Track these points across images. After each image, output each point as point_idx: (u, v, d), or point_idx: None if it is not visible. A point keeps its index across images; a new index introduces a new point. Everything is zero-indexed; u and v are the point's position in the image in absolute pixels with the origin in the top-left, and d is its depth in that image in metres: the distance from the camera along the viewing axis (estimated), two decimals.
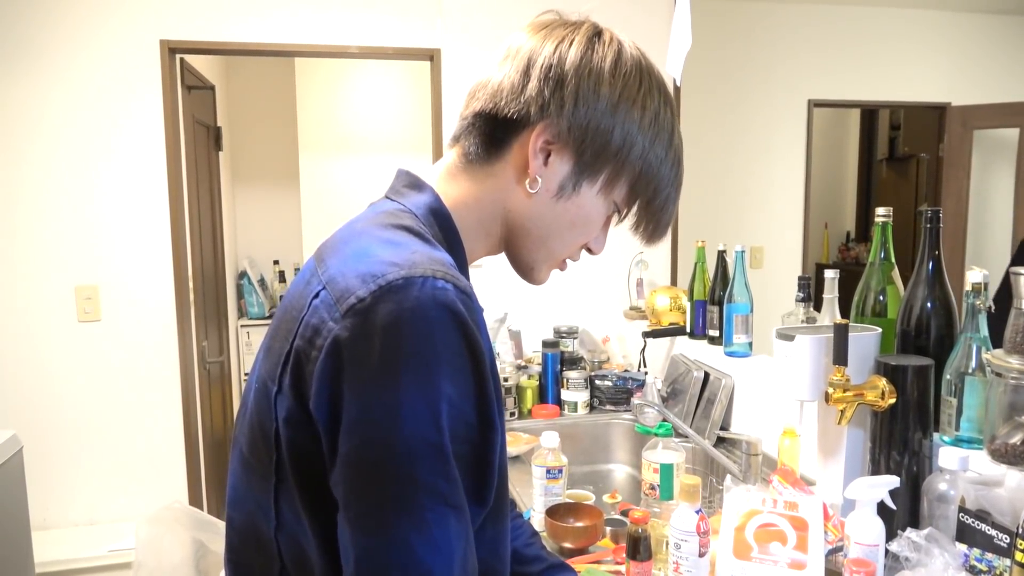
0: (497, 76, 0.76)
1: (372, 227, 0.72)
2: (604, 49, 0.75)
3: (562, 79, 0.73)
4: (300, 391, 0.64)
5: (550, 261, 0.82)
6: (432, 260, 0.65)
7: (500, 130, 0.76)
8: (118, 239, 2.67)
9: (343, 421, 0.61)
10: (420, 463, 0.60)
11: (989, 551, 1.00)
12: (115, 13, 2.59)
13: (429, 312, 0.61)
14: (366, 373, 0.60)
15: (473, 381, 0.63)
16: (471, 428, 0.64)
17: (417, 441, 0.60)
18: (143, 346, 2.71)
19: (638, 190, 0.79)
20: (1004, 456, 1.10)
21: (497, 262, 0.85)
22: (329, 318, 0.63)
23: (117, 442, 2.71)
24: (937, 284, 1.24)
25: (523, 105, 0.74)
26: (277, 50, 2.76)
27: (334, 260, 0.69)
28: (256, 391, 0.71)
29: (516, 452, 1.88)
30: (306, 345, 0.64)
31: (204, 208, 3.21)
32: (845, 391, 1.17)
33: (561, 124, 0.74)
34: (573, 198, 0.77)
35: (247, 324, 4.15)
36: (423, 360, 0.60)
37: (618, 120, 0.74)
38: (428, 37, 2.79)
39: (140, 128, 2.65)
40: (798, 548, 1.07)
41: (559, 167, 0.76)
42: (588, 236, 0.82)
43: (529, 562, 1.02)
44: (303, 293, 0.69)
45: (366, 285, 0.62)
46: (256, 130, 4.38)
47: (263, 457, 0.69)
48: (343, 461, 0.62)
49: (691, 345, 2.12)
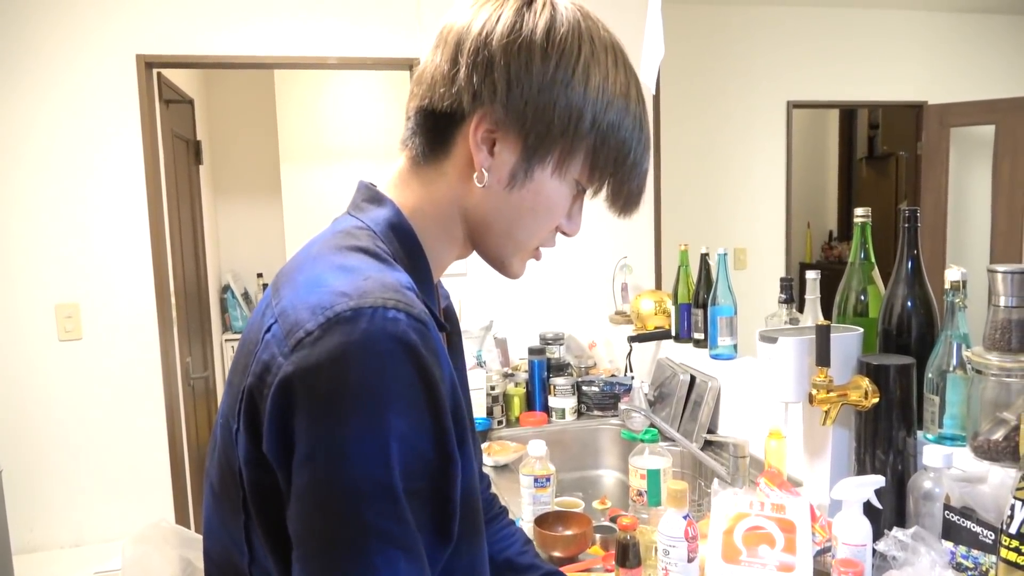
0: (430, 67, 0.72)
1: (327, 251, 0.69)
2: (535, 18, 0.69)
3: (491, 61, 0.68)
4: (255, 431, 0.62)
5: (521, 252, 0.78)
6: (384, 287, 0.62)
7: (440, 125, 0.72)
8: (98, 256, 2.64)
9: (294, 458, 0.59)
10: (367, 505, 0.57)
11: (975, 548, 1.01)
12: (90, 29, 2.57)
13: (378, 344, 0.58)
14: (313, 409, 0.58)
15: (429, 414, 0.60)
16: (428, 464, 0.61)
17: (364, 482, 0.57)
18: (126, 363, 2.68)
19: (598, 162, 0.73)
20: (987, 452, 1.10)
21: (483, 269, 0.82)
22: (279, 353, 0.61)
23: (101, 461, 2.68)
24: (917, 283, 1.25)
25: (455, 96, 0.70)
26: (255, 63, 2.75)
27: (287, 290, 0.66)
28: (221, 427, 0.69)
29: (504, 461, 1.88)
30: (258, 382, 0.62)
31: (185, 222, 3.19)
32: (828, 392, 1.18)
33: (497, 110, 0.69)
34: (528, 184, 0.72)
35: (231, 338, 4.12)
36: (371, 396, 0.57)
37: (558, 94, 0.69)
38: (407, 47, 2.79)
39: (118, 144, 2.63)
40: (786, 550, 1.07)
41: (506, 155, 0.71)
42: (555, 220, 0.76)
43: (523, 571, 1.01)
44: (258, 326, 0.66)
45: (315, 318, 0.60)
46: (237, 142, 4.36)
47: (231, 493, 0.67)
48: (293, 498, 0.59)
49: (677, 348, 2.13)
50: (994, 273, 1.08)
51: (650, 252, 2.87)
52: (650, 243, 2.86)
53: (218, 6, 2.66)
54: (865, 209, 1.36)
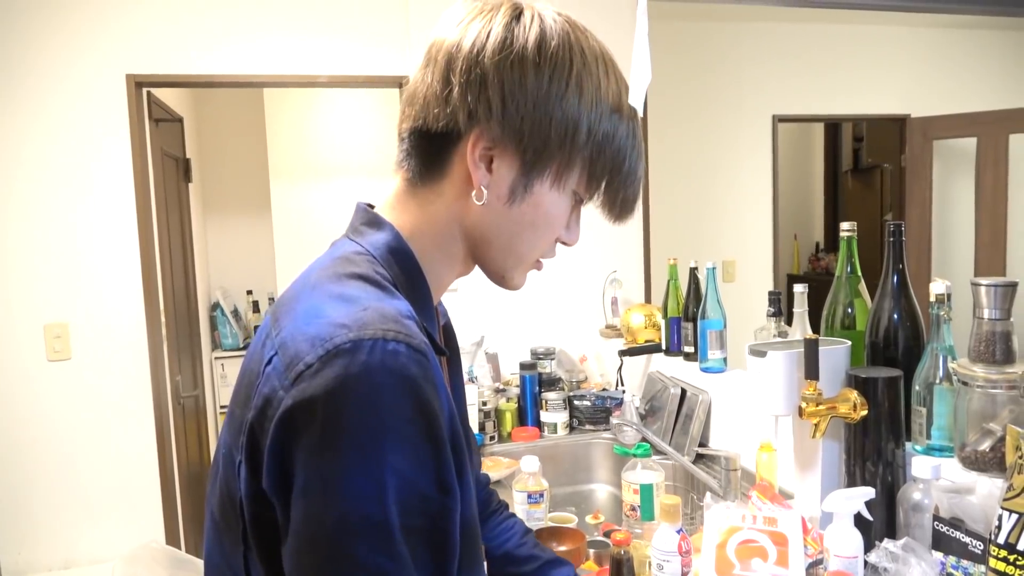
0: (422, 87, 0.72)
1: (326, 279, 0.68)
2: (525, 32, 0.69)
3: (484, 79, 0.68)
4: (256, 465, 0.62)
5: (522, 265, 0.78)
6: (384, 318, 0.61)
7: (436, 145, 0.72)
8: (87, 275, 2.63)
9: (292, 493, 0.59)
10: (360, 541, 0.57)
11: (965, 558, 1.02)
12: (80, 50, 2.57)
13: (376, 377, 0.57)
14: (310, 443, 0.57)
15: (428, 449, 0.60)
16: (427, 500, 0.60)
17: (358, 517, 0.56)
18: (115, 383, 2.67)
19: (596, 172, 0.73)
20: (974, 463, 1.12)
21: (473, 284, 0.83)
22: (280, 387, 0.60)
23: (91, 482, 2.65)
24: (903, 296, 1.27)
25: (450, 116, 0.69)
26: (245, 81, 2.76)
27: (287, 320, 0.65)
28: (224, 457, 0.68)
29: (497, 476, 1.88)
30: (260, 416, 0.61)
31: (175, 240, 3.18)
32: (818, 405, 1.19)
33: (494, 128, 0.69)
34: (527, 199, 0.72)
35: (221, 356, 4.10)
36: (368, 430, 0.57)
37: (554, 107, 0.68)
38: (396, 64, 2.81)
39: (108, 163, 2.63)
40: (779, 563, 1.08)
41: (504, 172, 0.71)
42: (555, 232, 0.77)
43: (523, 562, 1.01)
44: (259, 357, 0.66)
45: (314, 350, 0.59)
46: (226, 160, 4.36)
47: (232, 524, 0.66)
48: (289, 533, 0.59)
49: (667, 362, 2.14)
50: (977, 286, 1.10)
51: (639, 266, 2.89)
52: (639, 257, 2.87)
53: (207, 25, 2.67)
54: (851, 224, 1.38)
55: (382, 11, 2.80)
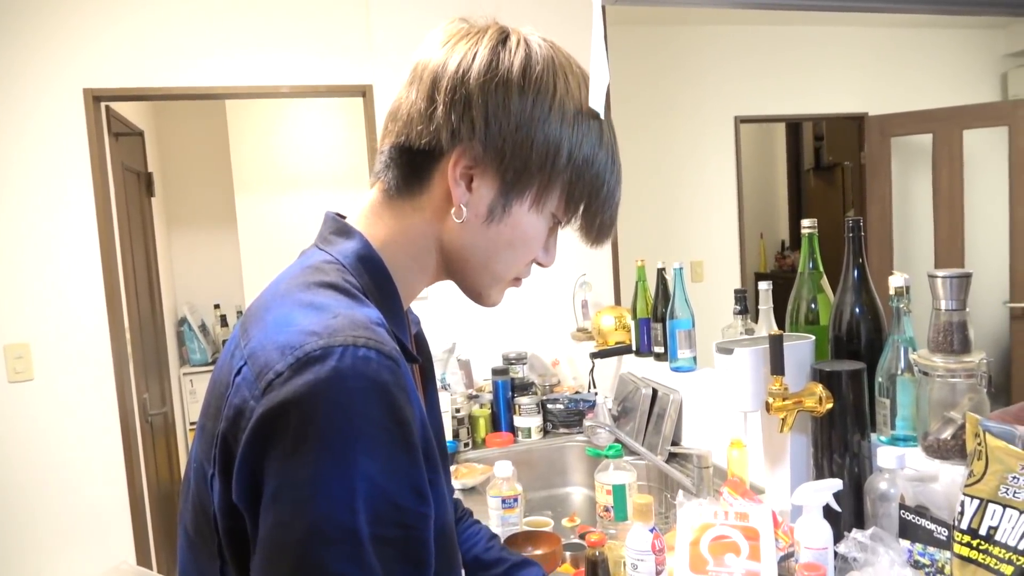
0: (406, 104, 0.73)
1: (295, 288, 0.68)
2: (511, 56, 0.70)
3: (468, 99, 0.69)
4: (229, 477, 0.61)
5: (498, 284, 0.79)
6: (354, 325, 0.61)
7: (417, 161, 0.73)
8: (48, 294, 2.58)
9: (261, 502, 0.58)
10: (328, 548, 0.56)
11: (930, 545, 1.04)
12: (35, 64, 2.53)
13: (347, 383, 0.57)
14: (281, 450, 0.57)
15: (403, 455, 0.59)
16: (400, 510, 0.59)
17: (327, 524, 0.56)
18: (81, 402, 2.61)
19: (574, 194, 0.74)
20: (937, 451, 1.14)
21: (444, 292, 0.83)
22: (250, 396, 0.60)
23: (57, 504, 2.59)
24: (863, 290, 1.29)
25: (433, 134, 0.70)
26: (205, 93, 2.73)
27: (256, 330, 0.65)
28: (195, 471, 0.67)
29: (472, 483, 1.87)
30: (231, 427, 0.61)
31: (138, 256, 3.13)
32: (784, 400, 1.21)
33: (476, 147, 0.70)
34: (505, 219, 0.73)
35: (190, 372, 4.05)
36: (339, 436, 0.56)
37: (536, 131, 0.70)
38: (360, 73, 2.80)
39: (67, 179, 2.58)
40: (751, 558, 1.09)
41: (484, 191, 0.72)
42: (532, 253, 0.78)
43: (491, 566, 1.01)
44: (228, 368, 0.65)
45: (284, 359, 0.59)
46: (190, 174, 4.31)
47: (207, 538, 0.65)
48: (258, 544, 0.58)
49: (638, 363, 2.15)
50: (934, 279, 1.13)
51: (608, 269, 2.91)
52: (608, 260, 2.89)
53: (165, 38, 2.64)
54: (811, 221, 1.41)
55: (343, 20, 2.78)
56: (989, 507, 0.94)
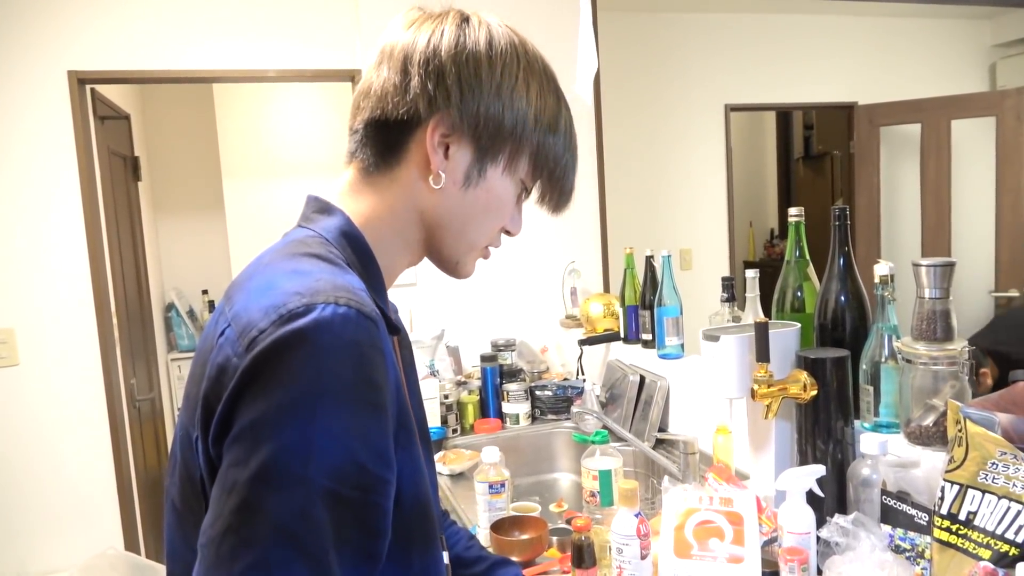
0: (378, 81, 0.76)
1: (279, 258, 0.69)
2: (475, 33, 0.75)
3: (442, 70, 0.73)
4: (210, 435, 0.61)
5: (472, 252, 0.82)
6: (336, 287, 0.62)
7: (393, 134, 0.76)
8: (34, 279, 2.56)
9: (225, 443, 0.59)
10: (275, 496, 0.55)
11: (911, 530, 1.05)
12: (19, 46, 2.49)
13: (322, 337, 0.58)
14: (250, 396, 0.58)
15: (368, 415, 0.60)
16: (361, 470, 0.59)
17: (278, 471, 0.55)
18: (67, 388, 2.60)
19: (539, 163, 0.79)
20: (919, 438, 1.16)
21: (433, 279, 0.85)
22: (233, 354, 0.61)
23: (44, 490, 2.59)
24: (849, 278, 1.30)
25: (410, 104, 0.73)
26: (191, 77, 2.70)
27: (240, 296, 0.66)
28: (180, 440, 0.68)
29: (460, 469, 1.88)
30: (214, 386, 0.61)
31: (125, 241, 3.11)
32: (769, 386, 1.22)
33: (453, 115, 0.73)
34: (481, 184, 0.77)
35: (177, 357, 4.03)
36: (304, 387, 0.57)
37: (505, 99, 0.74)
38: (347, 58, 2.78)
39: (52, 162, 2.55)
40: (735, 542, 1.11)
41: (460, 157, 0.75)
42: (504, 218, 0.82)
43: (472, 564, 1.03)
44: (212, 334, 0.66)
45: (267, 317, 0.60)
46: (176, 158, 4.27)
47: (195, 508, 0.66)
48: (215, 479, 0.59)
49: (626, 350, 2.16)
50: (918, 267, 1.14)
51: (597, 256, 2.91)
52: (597, 247, 2.89)
53: (152, 20, 2.61)
54: (798, 209, 1.41)
55: (331, 5, 2.76)
56: (969, 493, 0.95)
